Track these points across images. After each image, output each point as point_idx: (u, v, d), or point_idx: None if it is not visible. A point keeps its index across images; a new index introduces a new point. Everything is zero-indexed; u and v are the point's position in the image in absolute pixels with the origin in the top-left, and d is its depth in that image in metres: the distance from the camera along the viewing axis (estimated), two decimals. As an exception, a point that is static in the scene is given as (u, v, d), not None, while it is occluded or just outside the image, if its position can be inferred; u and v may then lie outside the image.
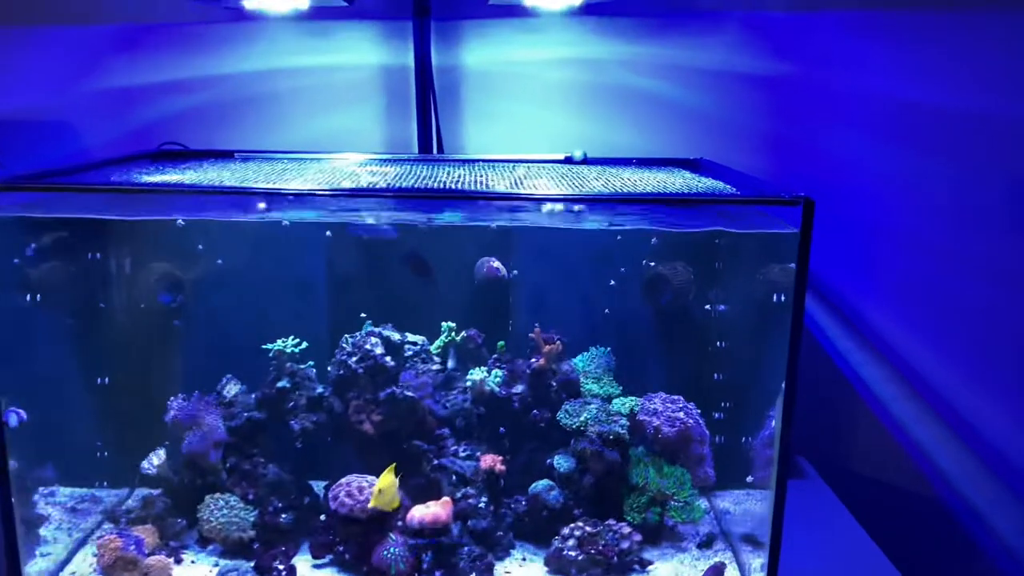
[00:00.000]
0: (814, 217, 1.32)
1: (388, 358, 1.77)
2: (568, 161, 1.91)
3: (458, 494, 1.67)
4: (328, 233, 1.83)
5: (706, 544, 1.73)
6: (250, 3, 1.92)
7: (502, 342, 1.86)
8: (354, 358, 1.76)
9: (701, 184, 1.61)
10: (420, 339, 1.85)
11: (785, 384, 1.39)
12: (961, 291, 2.04)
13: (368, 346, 1.76)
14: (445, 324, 1.88)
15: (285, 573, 1.58)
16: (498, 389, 1.79)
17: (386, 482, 1.57)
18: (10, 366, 1.49)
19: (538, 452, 1.77)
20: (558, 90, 2.10)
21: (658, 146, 2.08)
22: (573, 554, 1.60)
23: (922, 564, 1.85)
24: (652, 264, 1.86)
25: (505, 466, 1.72)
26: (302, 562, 1.63)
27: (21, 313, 1.60)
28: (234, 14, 2.06)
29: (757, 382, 1.66)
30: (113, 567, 1.57)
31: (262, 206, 1.68)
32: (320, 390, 1.78)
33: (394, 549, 1.57)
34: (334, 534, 1.63)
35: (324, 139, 2.10)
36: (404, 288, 1.88)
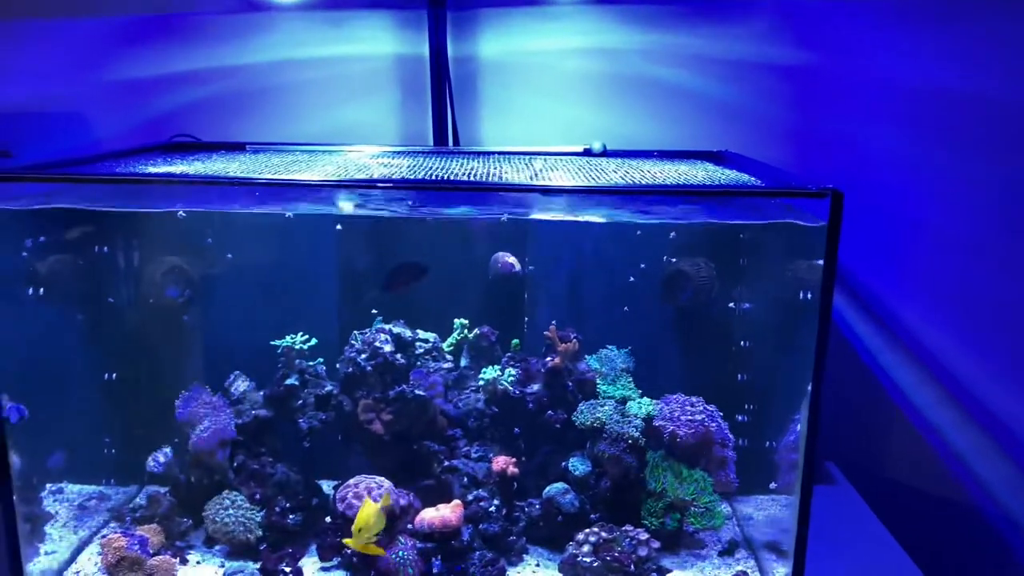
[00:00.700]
0: (843, 209, 1.26)
1: (398, 356, 1.73)
2: (587, 153, 1.86)
3: (469, 497, 1.62)
4: (338, 227, 1.79)
5: (728, 552, 1.67)
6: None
7: (516, 340, 1.81)
8: (363, 355, 1.71)
9: (725, 176, 1.55)
10: (432, 336, 1.80)
11: (812, 385, 1.33)
12: (996, 288, 1.97)
13: (378, 343, 1.71)
14: (458, 321, 1.84)
15: (292, 575, 1.54)
16: (512, 388, 1.74)
17: (366, 520, 1.48)
18: (16, 360, 1.46)
19: (553, 454, 1.72)
20: (577, 81, 2.05)
21: (680, 138, 2.02)
22: (588, 560, 1.55)
23: (954, 575, 1.78)
24: (673, 260, 1.80)
25: (518, 468, 1.67)
26: (309, 564, 1.60)
27: (28, 306, 1.58)
28: (247, 4, 2.03)
29: (782, 383, 1.61)
30: (117, 567, 1.54)
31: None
32: (329, 388, 1.74)
33: (403, 553, 1.53)
34: (342, 536, 1.59)
35: (338, 131, 2.06)
36: (416, 283, 1.83)
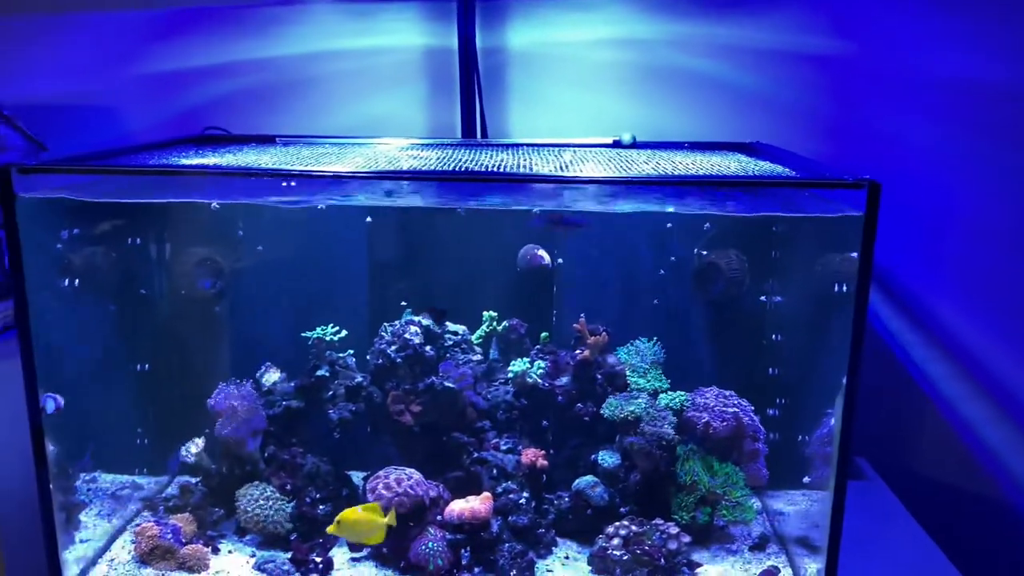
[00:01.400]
0: (880, 201, 1.24)
1: (428, 348, 1.73)
2: (617, 145, 1.84)
3: (499, 489, 1.62)
4: (368, 219, 1.80)
5: (759, 546, 1.65)
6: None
7: (546, 333, 1.80)
8: (393, 347, 1.72)
9: (758, 168, 1.53)
10: (461, 328, 1.80)
11: (846, 379, 1.31)
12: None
13: (408, 335, 1.72)
14: (487, 313, 1.83)
15: (322, 566, 1.55)
16: (541, 381, 1.73)
17: (350, 517, 1.50)
18: (52, 351, 1.47)
19: (582, 447, 1.72)
20: (606, 72, 2.03)
21: (710, 129, 2.00)
22: (618, 554, 1.54)
23: (991, 573, 1.75)
24: (704, 252, 1.78)
25: (548, 461, 1.66)
26: (339, 555, 1.60)
27: (63, 298, 1.59)
28: (277, -4, 2.03)
29: (814, 377, 1.58)
30: (150, 555, 1.56)
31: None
32: (359, 379, 1.74)
33: (432, 544, 1.53)
34: (372, 527, 1.59)
35: (367, 124, 2.06)
36: (445, 276, 1.83)
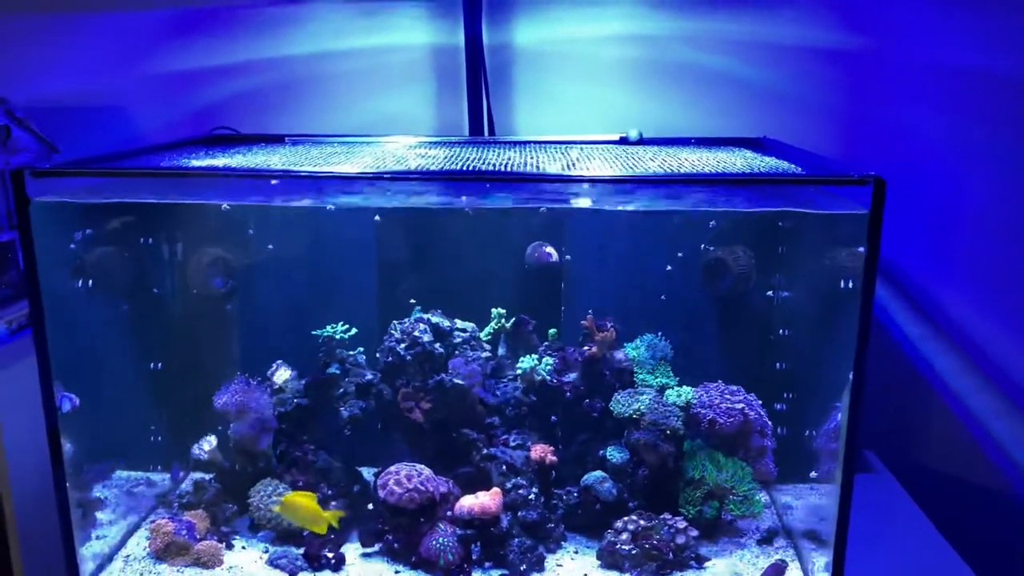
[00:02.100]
0: (886, 197, 1.24)
1: (437, 345, 1.74)
2: (623, 142, 1.85)
3: (508, 484, 1.63)
4: (377, 218, 1.81)
5: (767, 540, 1.66)
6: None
7: (554, 329, 1.81)
8: (403, 345, 1.73)
9: (765, 164, 1.53)
10: (469, 326, 1.81)
11: (853, 374, 1.31)
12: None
13: (417, 333, 1.73)
14: (495, 310, 1.84)
15: (334, 561, 1.57)
16: (549, 377, 1.74)
17: (296, 500, 1.55)
18: (67, 351, 1.49)
19: (590, 443, 1.73)
20: (613, 68, 2.03)
21: (717, 125, 2.00)
22: (627, 548, 1.56)
23: (1000, 566, 1.75)
24: (711, 248, 1.79)
25: (556, 456, 1.68)
26: (351, 550, 1.62)
27: (78, 298, 1.61)
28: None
29: (822, 372, 1.59)
30: (165, 551, 1.58)
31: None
32: (369, 377, 1.76)
33: (443, 539, 1.55)
34: (383, 523, 1.61)
35: (374, 122, 2.07)
36: (453, 273, 1.84)
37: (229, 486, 1.73)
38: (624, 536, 1.57)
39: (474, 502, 1.56)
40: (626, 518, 1.59)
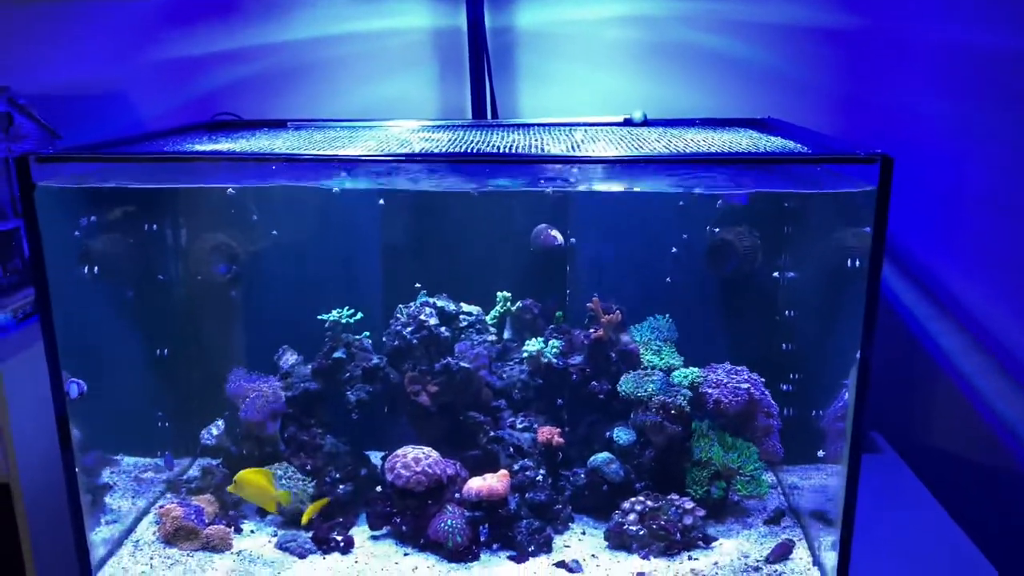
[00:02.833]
0: (893, 175, 1.24)
1: (443, 329, 1.74)
2: (628, 123, 1.84)
3: (515, 466, 1.64)
4: (381, 201, 1.80)
5: (774, 520, 1.67)
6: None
7: (559, 312, 1.81)
8: (408, 329, 1.73)
9: (770, 144, 1.53)
10: (475, 309, 1.81)
11: (860, 354, 1.31)
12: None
13: (423, 317, 1.73)
14: (500, 294, 1.84)
15: (343, 544, 1.58)
16: (555, 360, 1.74)
17: (248, 478, 1.58)
18: (74, 338, 1.49)
19: (597, 425, 1.73)
20: (617, 49, 2.02)
21: (722, 106, 1.98)
22: (634, 529, 1.56)
23: (1007, 544, 1.75)
24: (716, 230, 1.78)
25: (563, 438, 1.68)
26: (359, 533, 1.63)
27: (83, 285, 1.61)
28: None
29: (828, 352, 1.59)
30: (174, 536, 1.59)
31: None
32: (376, 361, 1.76)
33: (451, 521, 1.55)
34: (391, 505, 1.62)
35: (377, 106, 2.06)
36: (458, 257, 1.84)
37: (237, 471, 1.73)
38: (631, 517, 1.57)
39: (482, 484, 1.56)
40: (633, 499, 1.60)
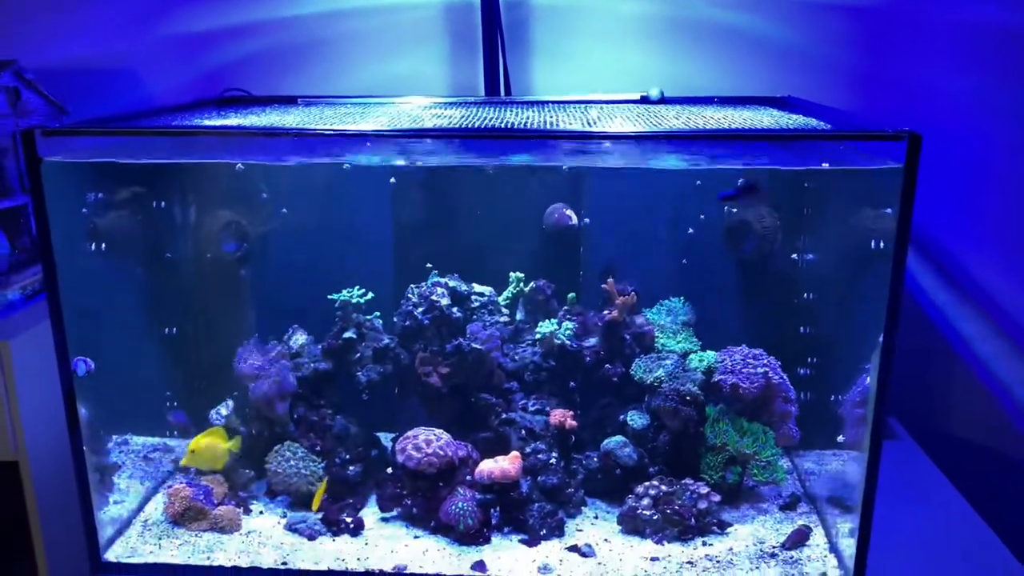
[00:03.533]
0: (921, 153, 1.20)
1: (455, 309, 1.71)
2: (644, 101, 1.81)
3: (527, 449, 1.62)
4: (392, 180, 1.78)
5: (789, 506, 1.64)
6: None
7: (573, 293, 1.78)
8: (420, 309, 1.71)
9: (791, 121, 1.49)
10: (487, 290, 1.79)
11: (883, 337, 1.28)
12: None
13: (434, 297, 1.70)
14: (513, 274, 1.81)
15: (352, 525, 1.56)
16: (569, 342, 1.72)
17: (201, 443, 1.60)
18: (82, 315, 1.47)
19: (610, 408, 1.71)
20: (633, 25, 1.98)
21: (739, 84, 1.95)
22: (648, 513, 1.54)
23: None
24: (734, 210, 1.75)
25: (576, 421, 1.65)
26: (369, 514, 1.61)
27: (91, 261, 1.59)
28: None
29: (847, 336, 1.56)
30: (183, 516, 1.58)
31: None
32: (386, 341, 1.74)
33: (462, 504, 1.53)
34: (402, 487, 1.60)
35: (388, 83, 2.03)
36: (470, 237, 1.81)
37: (246, 451, 1.72)
38: (645, 501, 1.55)
39: (494, 466, 1.54)
40: (647, 483, 1.57)
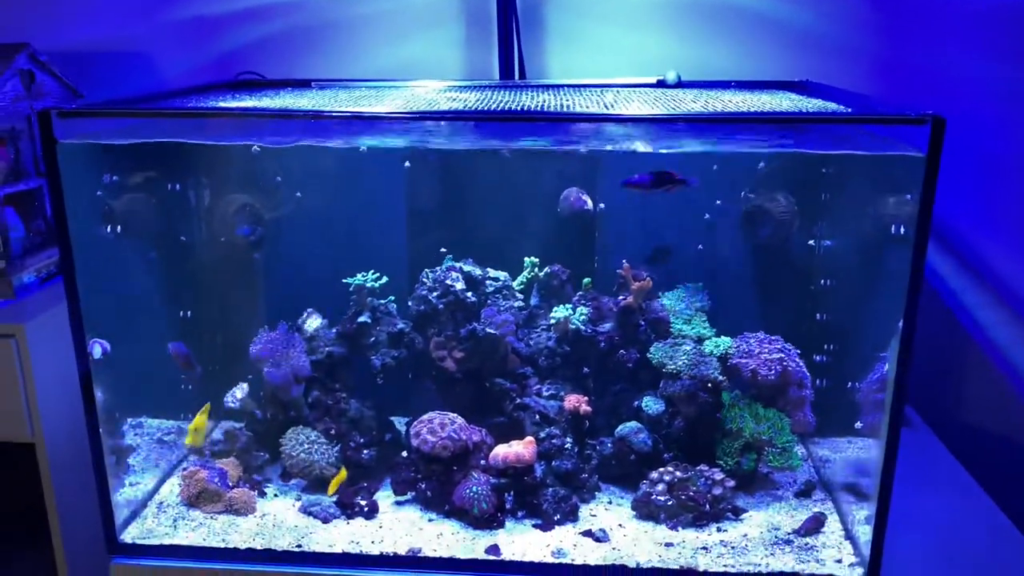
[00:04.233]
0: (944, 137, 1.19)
1: (469, 294, 1.71)
2: (661, 85, 1.79)
3: (542, 434, 1.61)
4: (407, 164, 1.77)
5: (804, 493, 1.64)
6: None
7: (588, 278, 1.77)
8: (435, 293, 1.70)
9: (810, 105, 1.48)
10: (502, 274, 1.78)
11: (903, 324, 1.27)
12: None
13: (449, 281, 1.70)
14: (528, 259, 1.81)
15: (367, 509, 1.56)
16: (583, 327, 1.71)
17: (203, 421, 1.64)
18: (97, 297, 1.48)
19: (625, 393, 1.70)
20: (649, 8, 1.96)
21: (757, 68, 1.93)
22: (662, 499, 1.54)
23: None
24: (751, 195, 1.73)
25: (590, 407, 1.65)
26: (383, 498, 1.61)
27: (106, 244, 1.59)
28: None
29: (863, 323, 1.55)
30: (198, 498, 1.58)
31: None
32: (401, 326, 1.73)
33: (477, 488, 1.53)
34: (416, 471, 1.60)
35: (402, 66, 2.02)
36: (485, 221, 1.80)
37: (260, 434, 1.73)
38: (660, 487, 1.55)
39: (508, 451, 1.54)
40: (662, 469, 1.57)
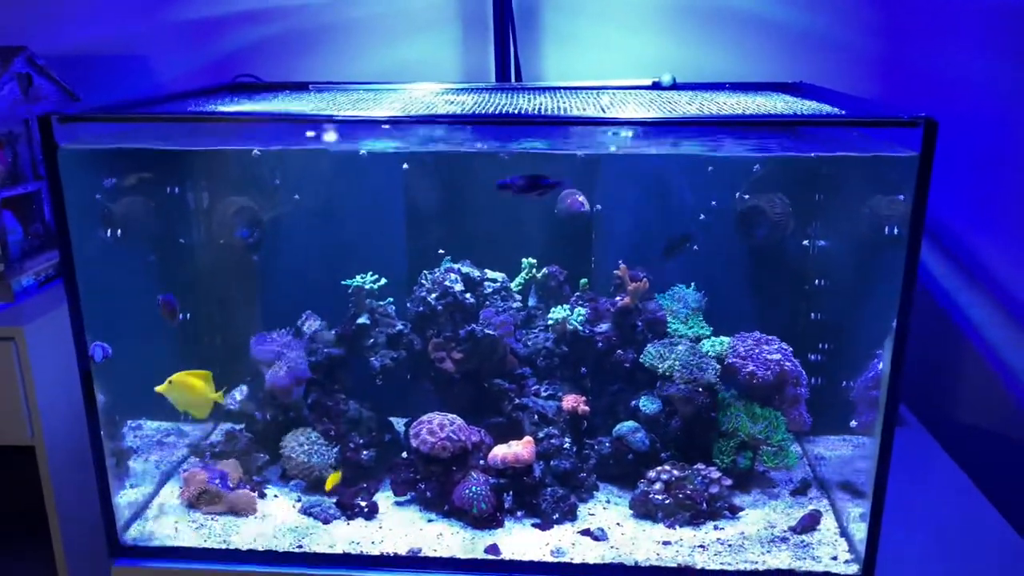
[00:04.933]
0: (937, 139, 1.20)
1: (468, 295, 1.72)
2: (656, 87, 1.80)
3: (540, 434, 1.63)
4: (405, 166, 1.78)
5: (800, 491, 1.65)
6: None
7: (585, 279, 1.79)
8: (433, 295, 1.71)
9: (804, 107, 1.49)
10: (500, 276, 1.79)
11: (897, 323, 1.28)
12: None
13: (447, 283, 1.71)
14: (525, 260, 1.82)
15: (367, 509, 1.57)
16: (581, 328, 1.72)
17: (181, 378, 1.55)
18: (97, 301, 1.48)
19: (623, 393, 1.71)
20: (645, 10, 1.97)
21: (751, 70, 1.94)
22: (660, 498, 1.55)
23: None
24: (747, 196, 1.75)
25: (588, 407, 1.66)
26: (383, 499, 1.62)
27: (106, 247, 1.59)
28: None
29: (858, 322, 1.56)
30: (198, 500, 1.59)
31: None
32: (399, 327, 1.74)
33: (476, 488, 1.54)
34: (415, 471, 1.61)
35: (398, 69, 2.03)
36: (482, 223, 1.81)
37: (260, 436, 1.74)
38: (657, 486, 1.56)
39: (507, 451, 1.55)
40: (659, 468, 1.58)
